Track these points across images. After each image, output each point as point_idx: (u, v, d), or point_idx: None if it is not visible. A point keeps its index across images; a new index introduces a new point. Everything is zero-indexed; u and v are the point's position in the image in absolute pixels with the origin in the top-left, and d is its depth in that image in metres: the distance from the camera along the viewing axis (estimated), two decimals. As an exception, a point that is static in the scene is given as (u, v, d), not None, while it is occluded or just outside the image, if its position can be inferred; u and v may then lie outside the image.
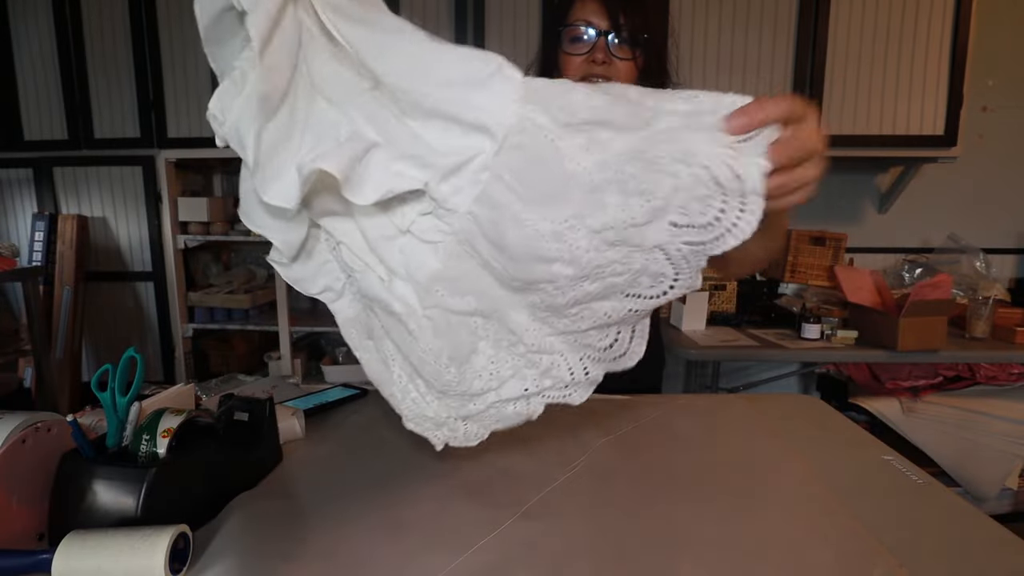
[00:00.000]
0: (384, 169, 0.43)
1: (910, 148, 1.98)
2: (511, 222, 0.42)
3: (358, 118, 0.43)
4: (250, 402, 0.68)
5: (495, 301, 0.48)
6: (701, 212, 0.39)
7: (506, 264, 0.44)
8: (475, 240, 0.45)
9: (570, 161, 0.39)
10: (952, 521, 0.59)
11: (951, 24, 1.90)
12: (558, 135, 0.39)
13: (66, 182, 2.25)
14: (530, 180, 0.41)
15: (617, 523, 0.57)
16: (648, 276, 0.43)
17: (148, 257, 2.25)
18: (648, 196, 0.39)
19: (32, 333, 1.82)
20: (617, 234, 0.41)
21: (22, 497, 0.51)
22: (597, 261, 0.42)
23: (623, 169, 0.39)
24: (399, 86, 0.41)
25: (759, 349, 1.76)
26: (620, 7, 0.75)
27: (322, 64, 0.43)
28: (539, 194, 0.41)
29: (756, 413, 0.88)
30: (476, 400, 0.53)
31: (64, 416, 0.54)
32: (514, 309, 0.48)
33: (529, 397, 0.52)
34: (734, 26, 1.94)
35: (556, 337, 0.49)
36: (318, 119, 0.43)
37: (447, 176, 0.42)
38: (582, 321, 0.47)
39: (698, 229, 0.39)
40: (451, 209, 0.44)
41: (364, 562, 0.51)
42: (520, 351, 0.50)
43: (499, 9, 1.96)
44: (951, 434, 1.84)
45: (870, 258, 2.32)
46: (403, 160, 0.43)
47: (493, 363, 0.50)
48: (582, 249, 0.41)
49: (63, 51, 2.13)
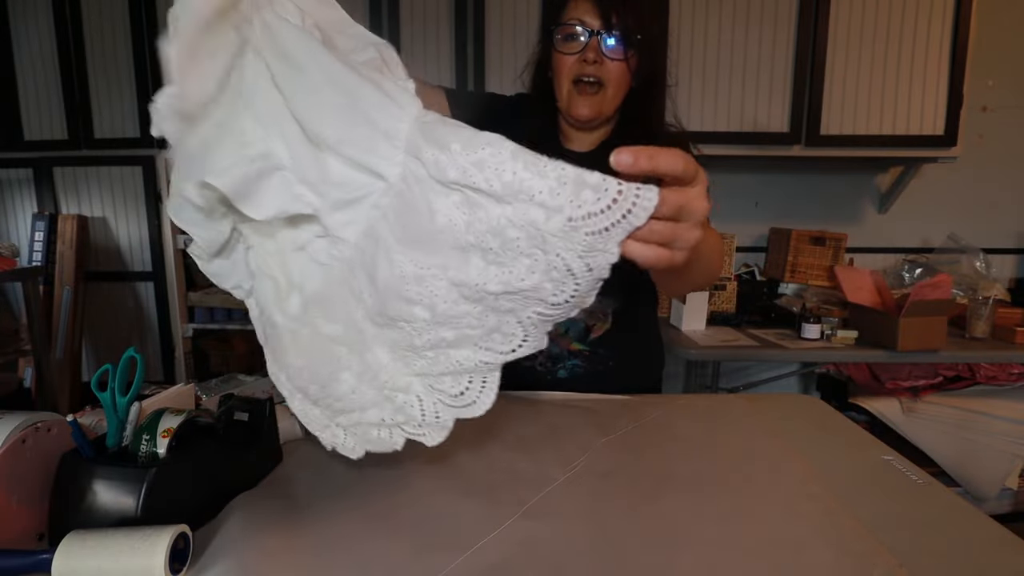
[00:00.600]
0: (285, 190, 0.45)
1: (910, 148, 1.98)
2: (384, 259, 0.44)
3: (275, 140, 0.45)
4: (250, 402, 0.68)
5: (361, 334, 0.50)
6: (553, 293, 0.41)
7: (375, 297, 0.46)
8: (356, 269, 0.47)
9: (442, 216, 0.41)
10: (952, 521, 0.59)
11: (951, 24, 1.90)
12: (435, 190, 0.41)
13: (66, 182, 2.25)
14: (406, 225, 0.43)
15: (617, 523, 0.57)
16: (500, 334, 0.45)
17: (148, 257, 2.26)
18: (506, 269, 0.41)
19: (32, 333, 1.82)
20: (473, 292, 0.43)
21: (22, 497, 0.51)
22: (452, 312, 0.44)
23: (486, 239, 0.40)
24: (306, 119, 0.43)
25: (759, 349, 1.76)
26: (613, 7, 0.74)
27: (258, 83, 0.45)
28: (411, 239, 0.43)
29: (756, 413, 0.88)
30: (343, 416, 0.55)
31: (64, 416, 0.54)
32: (376, 345, 0.50)
33: (389, 427, 0.54)
34: (734, 26, 1.94)
35: (413, 378, 0.51)
36: (236, 135, 0.45)
37: (340, 207, 0.45)
38: (437, 365, 0.49)
39: (549, 305, 0.42)
40: (341, 239, 0.47)
41: (364, 562, 0.51)
42: (378, 385, 0.52)
43: (499, 9, 1.96)
44: (951, 434, 1.84)
45: (870, 258, 2.32)
46: (304, 185, 0.45)
47: (354, 393, 0.52)
48: (439, 298, 0.44)
49: (63, 51, 2.13)
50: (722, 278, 2.16)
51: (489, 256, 0.41)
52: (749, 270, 2.32)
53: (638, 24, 0.76)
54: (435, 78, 1.97)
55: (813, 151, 1.99)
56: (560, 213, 0.37)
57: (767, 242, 2.36)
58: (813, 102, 1.96)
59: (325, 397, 0.53)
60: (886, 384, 1.88)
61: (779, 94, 1.97)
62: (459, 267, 0.42)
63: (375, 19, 1.95)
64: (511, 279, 0.41)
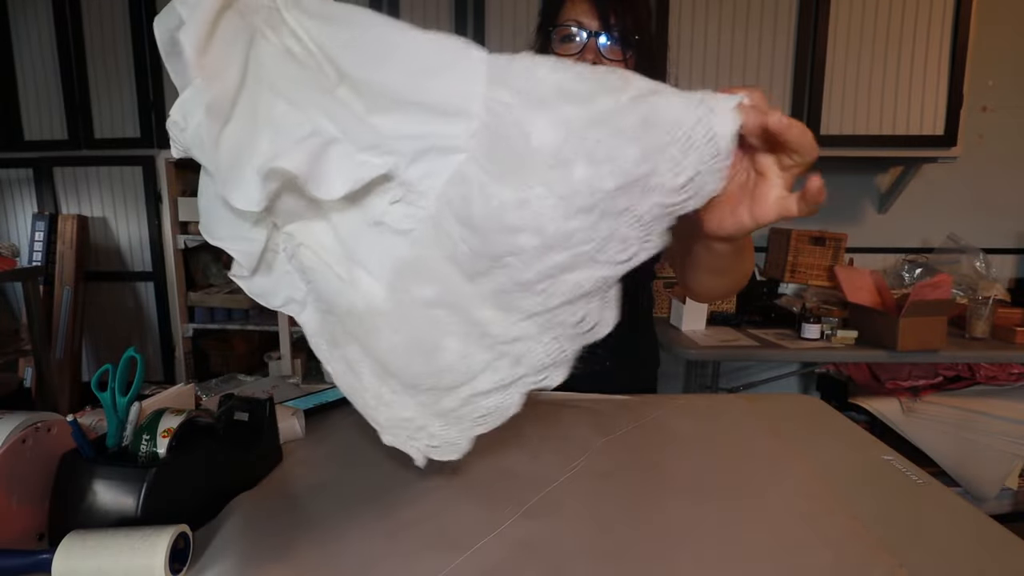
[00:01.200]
0: (348, 160, 0.43)
1: (910, 148, 1.98)
2: (479, 196, 0.42)
3: (319, 117, 0.44)
4: (250, 402, 0.68)
5: (459, 293, 0.47)
6: (673, 173, 0.39)
7: (473, 241, 0.44)
8: (444, 221, 0.45)
9: (536, 137, 0.40)
10: (952, 521, 0.59)
11: (951, 24, 1.90)
12: (523, 112, 0.40)
13: (66, 182, 2.25)
14: (498, 157, 0.42)
15: (617, 523, 0.57)
16: (616, 241, 0.42)
17: (148, 257, 2.26)
18: (616, 161, 0.39)
19: (32, 333, 1.82)
20: (584, 199, 0.41)
21: (22, 497, 0.51)
22: (564, 229, 0.42)
23: (588, 136, 0.39)
24: (366, 78, 0.42)
25: (759, 349, 1.76)
26: (610, 8, 0.74)
27: (281, 67, 0.44)
28: (507, 169, 0.42)
29: (756, 413, 0.88)
30: (450, 395, 0.52)
31: (64, 416, 0.54)
32: (478, 303, 0.48)
33: (506, 387, 0.52)
34: (734, 26, 1.94)
35: (526, 322, 0.48)
36: (278, 121, 0.44)
37: (415, 159, 0.43)
38: (551, 298, 0.46)
39: (667, 191, 0.40)
40: (422, 192, 0.45)
41: (364, 562, 0.51)
42: (488, 343, 0.49)
43: (499, 9, 1.96)
44: (951, 434, 1.84)
45: (870, 258, 2.32)
46: (365, 151, 0.44)
47: (463, 358, 0.49)
48: (547, 217, 0.41)
49: (63, 51, 2.13)
50: (722, 278, 2.16)
51: (598, 153, 0.39)
52: (749, 270, 2.32)
53: (636, 25, 0.75)
54: (435, 78, 1.97)
55: (813, 151, 1.99)
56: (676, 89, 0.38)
57: (767, 242, 2.36)
58: (813, 102, 1.96)
59: (431, 374, 0.50)
60: (886, 384, 1.88)
61: (779, 94, 1.97)
62: (564, 179, 0.40)
63: (375, 19, 1.95)
64: (625, 167, 0.39)
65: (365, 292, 0.50)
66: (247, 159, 0.43)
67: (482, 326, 0.48)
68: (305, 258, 0.51)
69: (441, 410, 0.54)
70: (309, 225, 0.50)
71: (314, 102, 0.44)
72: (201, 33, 0.40)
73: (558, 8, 0.78)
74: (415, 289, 0.48)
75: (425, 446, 0.56)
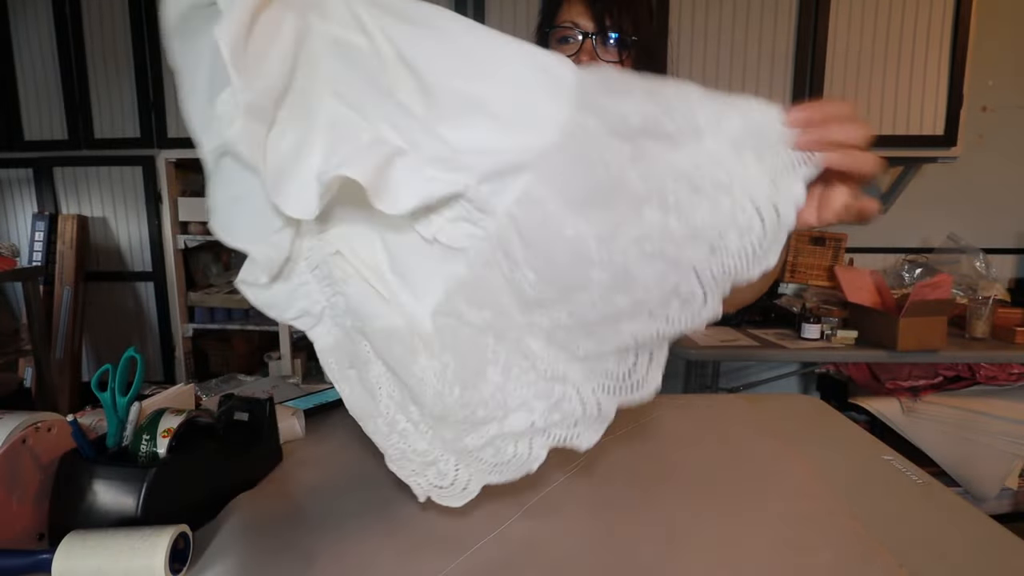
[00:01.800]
0: (417, 174, 0.41)
1: (910, 148, 1.98)
2: (553, 223, 0.41)
3: (380, 123, 0.41)
4: (250, 402, 0.68)
5: (512, 321, 0.46)
6: (737, 239, 0.39)
7: (541, 268, 0.43)
8: (509, 243, 0.43)
9: (616, 168, 0.39)
10: (952, 521, 0.59)
11: (951, 24, 1.90)
12: (607, 142, 0.39)
13: (66, 182, 2.25)
14: (575, 183, 0.40)
15: (617, 523, 0.57)
16: (678, 298, 0.42)
17: (148, 257, 2.26)
18: (687, 216, 0.39)
19: (32, 333, 1.82)
20: (653, 246, 0.40)
21: (22, 497, 0.51)
22: (633, 271, 0.41)
23: (666, 184, 0.39)
24: (443, 85, 0.40)
25: (759, 349, 1.76)
26: (606, 9, 0.74)
27: (337, 65, 0.41)
28: (582, 198, 0.40)
29: (756, 413, 0.88)
30: (476, 431, 0.50)
31: (64, 416, 0.54)
32: (530, 334, 0.46)
33: (533, 435, 0.50)
34: (734, 26, 1.94)
35: (573, 364, 0.47)
36: (336, 125, 0.42)
37: (487, 178, 0.41)
38: (605, 342, 0.44)
39: (731, 255, 0.39)
40: (488, 212, 0.43)
41: (364, 562, 0.51)
42: (531, 379, 0.47)
43: (499, 9, 1.96)
44: (951, 434, 1.84)
45: (870, 258, 2.32)
46: (433, 165, 0.41)
47: (500, 392, 0.47)
48: (619, 253, 0.40)
49: (63, 51, 2.13)
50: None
51: (670, 201, 0.39)
52: (749, 270, 2.32)
53: (633, 26, 0.75)
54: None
55: (813, 151, 1.99)
56: (760, 135, 0.37)
57: (767, 242, 2.36)
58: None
59: (465, 405, 0.48)
60: (886, 384, 1.88)
61: (779, 94, 1.97)
62: (635, 222, 0.40)
63: (375, 19, 1.95)
64: (694, 222, 0.39)
65: (407, 310, 0.48)
66: (303, 164, 0.41)
67: (529, 359, 0.47)
68: (338, 269, 0.48)
69: (461, 448, 0.51)
70: (349, 234, 0.48)
71: (375, 106, 0.41)
72: (241, 27, 0.36)
73: (556, 9, 0.78)
74: (468, 312, 0.46)
75: (430, 484, 0.53)
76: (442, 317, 0.47)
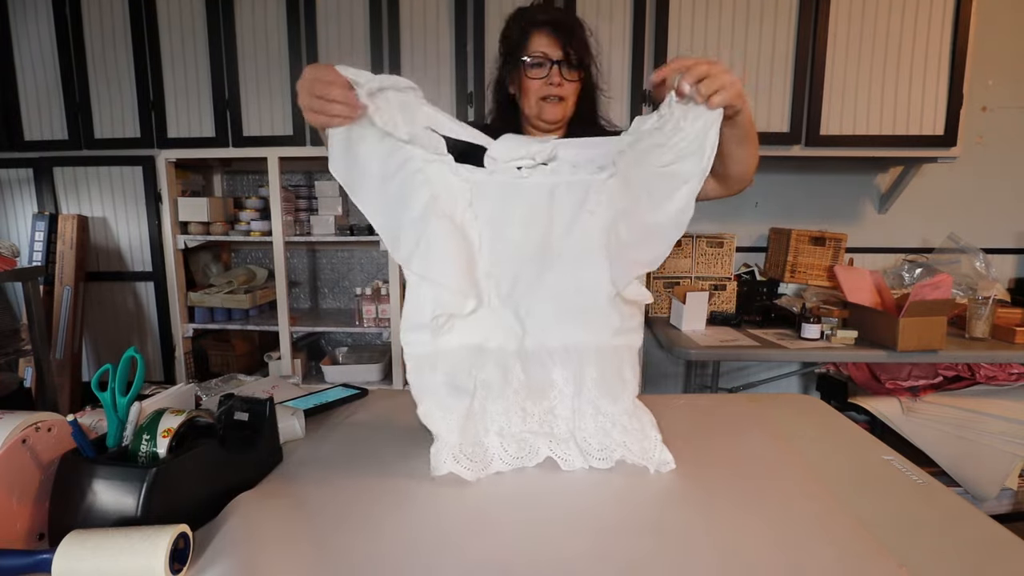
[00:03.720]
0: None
1: (910, 148, 1.98)
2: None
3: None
4: (250, 402, 0.68)
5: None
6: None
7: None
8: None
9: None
10: (952, 521, 0.59)
11: (951, 24, 1.90)
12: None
13: (66, 182, 2.25)
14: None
15: (617, 523, 0.57)
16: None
17: (148, 257, 2.25)
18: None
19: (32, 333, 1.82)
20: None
21: (22, 497, 0.51)
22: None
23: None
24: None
25: (759, 349, 1.76)
26: (568, 42, 0.97)
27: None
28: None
29: (756, 413, 0.88)
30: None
31: (64, 416, 0.54)
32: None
33: (566, 417, 0.74)
34: (734, 26, 1.94)
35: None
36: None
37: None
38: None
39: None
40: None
41: (364, 562, 0.51)
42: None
43: (499, 9, 1.96)
44: (951, 434, 1.84)
45: (870, 258, 2.32)
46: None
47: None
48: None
49: (63, 51, 2.13)
50: (722, 278, 2.16)
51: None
52: (749, 270, 2.32)
53: (584, 51, 1.00)
54: (435, 78, 1.98)
55: (813, 151, 1.99)
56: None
57: (767, 242, 2.36)
58: (813, 102, 1.96)
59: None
60: (886, 384, 1.88)
61: (779, 94, 1.97)
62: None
63: (375, 19, 1.95)
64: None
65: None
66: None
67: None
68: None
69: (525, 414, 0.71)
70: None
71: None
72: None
73: (525, 42, 0.99)
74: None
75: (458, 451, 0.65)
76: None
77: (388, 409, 0.91)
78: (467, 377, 0.70)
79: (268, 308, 2.33)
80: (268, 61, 2.05)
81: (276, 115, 2.07)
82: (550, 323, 0.71)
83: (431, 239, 0.66)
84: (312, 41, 2.01)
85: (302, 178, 2.41)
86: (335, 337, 2.48)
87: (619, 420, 0.71)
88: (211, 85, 2.07)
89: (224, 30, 2.04)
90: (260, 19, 2.03)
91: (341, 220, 2.18)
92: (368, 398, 0.96)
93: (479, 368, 0.70)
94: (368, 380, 2.07)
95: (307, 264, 2.51)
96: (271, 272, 2.37)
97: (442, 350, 0.69)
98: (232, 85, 2.07)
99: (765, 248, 2.37)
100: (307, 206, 2.25)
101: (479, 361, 0.70)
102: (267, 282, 2.37)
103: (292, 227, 2.15)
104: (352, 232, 2.11)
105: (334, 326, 2.16)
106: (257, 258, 2.51)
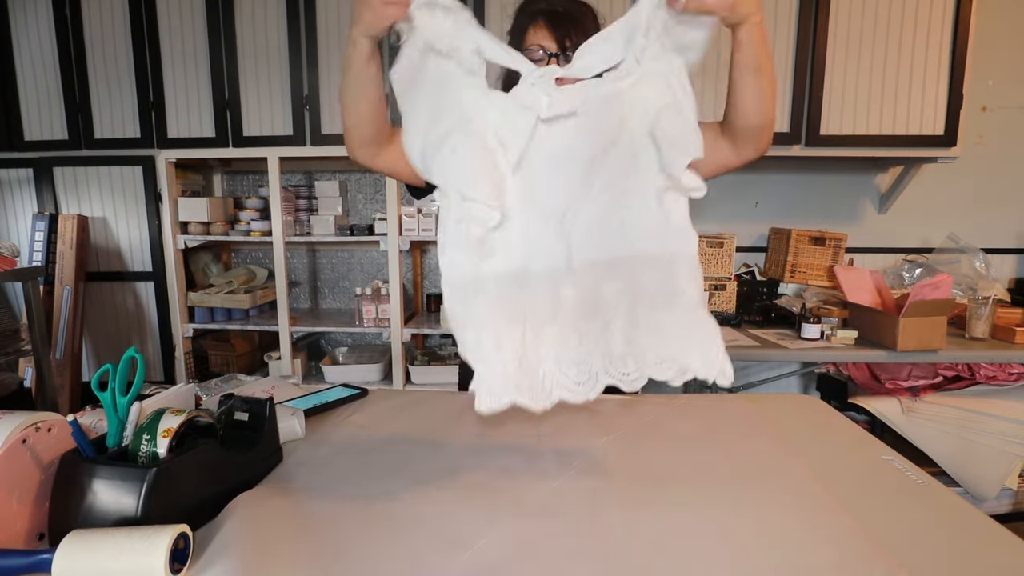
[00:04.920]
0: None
1: (910, 148, 1.98)
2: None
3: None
4: (250, 402, 0.68)
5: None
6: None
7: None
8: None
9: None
10: (952, 521, 0.59)
11: (951, 24, 1.90)
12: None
13: (66, 182, 2.25)
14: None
15: (617, 523, 0.57)
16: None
17: (148, 257, 2.26)
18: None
19: (32, 333, 1.82)
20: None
21: (22, 497, 0.51)
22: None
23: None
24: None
25: (759, 349, 1.76)
26: (566, 33, 0.93)
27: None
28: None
29: (756, 413, 0.88)
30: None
31: (64, 416, 0.54)
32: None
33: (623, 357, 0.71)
34: (734, 26, 1.94)
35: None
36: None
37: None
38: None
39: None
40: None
41: (364, 562, 0.51)
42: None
43: (499, 9, 1.96)
44: (951, 434, 1.84)
45: (870, 258, 2.32)
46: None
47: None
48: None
49: (63, 51, 2.13)
50: (722, 278, 2.16)
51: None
52: (749, 270, 2.32)
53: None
54: (435, 78, 1.97)
55: (813, 151, 1.99)
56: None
57: (767, 242, 2.36)
58: (813, 102, 1.96)
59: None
60: (886, 384, 1.88)
61: (779, 94, 1.97)
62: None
63: (375, 19, 1.95)
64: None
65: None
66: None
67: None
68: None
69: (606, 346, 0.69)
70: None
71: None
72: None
73: (523, 34, 0.96)
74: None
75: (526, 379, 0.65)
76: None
77: (388, 409, 0.91)
78: (514, 304, 0.67)
79: (268, 308, 2.34)
80: (268, 61, 2.05)
81: (276, 115, 2.07)
82: (595, 237, 0.69)
83: (461, 152, 0.67)
84: (312, 41, 2.01)
85: (302, 178, 2.41)
86: (335, 337, 2.48)
87: (675, 331, 0.68)
88: (211, 85, 2.07)
89: (224, 30, 2.04)
90: (260, 19, 2.03)
91: (341, 220, 2.18)
92: (368, 398, 0.96)
93: (527, 291, 0.68)
94: (368, 380, 2.07)
95: (307, 264, 2.51)
96: (271, 272, 2.37)
97: (485, 275, 0.66)
98: (232, 85, 2.07)
99: (765, 248, 2.37)
100: (307, 206, 2.25)
101: (526, 284, 0.67)
102: (267, 282, 2.37)
103: (292, 227, 2.15)
104: (352, 232, 2.11)
105: (334, 326, 2.16)
106: (257, 258, 2.51)
